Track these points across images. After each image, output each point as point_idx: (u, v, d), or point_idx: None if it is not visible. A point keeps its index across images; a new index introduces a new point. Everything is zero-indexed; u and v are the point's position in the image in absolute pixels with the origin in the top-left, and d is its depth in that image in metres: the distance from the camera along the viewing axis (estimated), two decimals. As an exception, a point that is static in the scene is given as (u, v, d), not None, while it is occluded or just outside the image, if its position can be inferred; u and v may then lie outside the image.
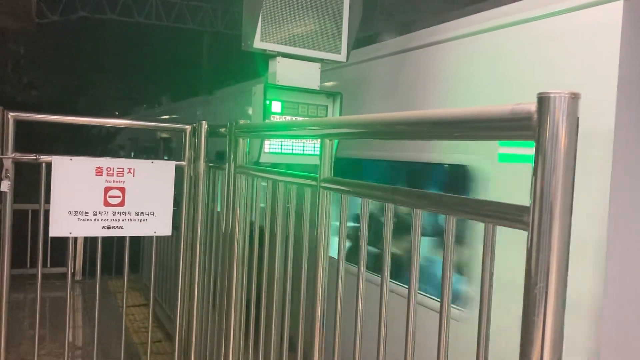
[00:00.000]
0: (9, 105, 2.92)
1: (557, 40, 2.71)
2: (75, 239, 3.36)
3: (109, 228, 2.99)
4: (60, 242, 3.21)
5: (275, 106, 3.27)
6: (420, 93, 3.75)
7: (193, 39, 17.63)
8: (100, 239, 3.06)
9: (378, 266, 1.63)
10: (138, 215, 3.05)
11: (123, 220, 3.02)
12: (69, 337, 3.11)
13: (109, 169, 2.97)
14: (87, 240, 5.83)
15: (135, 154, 14.29)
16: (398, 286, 1.84)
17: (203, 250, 3.24)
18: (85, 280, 7.27)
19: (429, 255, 3.74)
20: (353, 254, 1.79)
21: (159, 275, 5.50)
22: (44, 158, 2.85)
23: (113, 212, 2.99)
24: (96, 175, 2.94)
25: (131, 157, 13.80)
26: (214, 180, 3.17)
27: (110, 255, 5.16)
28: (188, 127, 3.29)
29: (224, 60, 15.90)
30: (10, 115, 2.79)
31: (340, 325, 1.84)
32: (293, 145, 3.32)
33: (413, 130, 1.58)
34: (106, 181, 2.96)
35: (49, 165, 2.84)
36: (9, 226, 2.81)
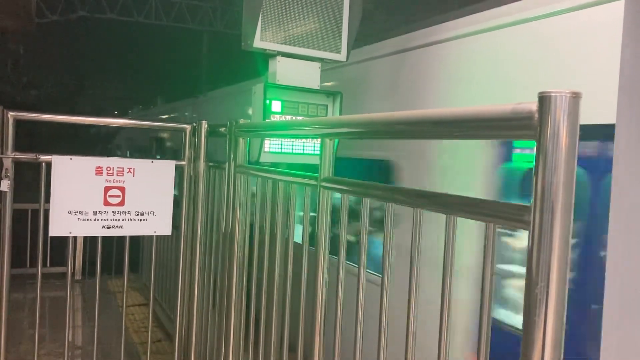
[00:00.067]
0: (9, 104, 2.91)
1: (559, 39, 2.71)
2: (75, 239, 3.36)
3: (108, 228, 2.99)
4: (60, 242, 3.21)
5: (275, 106, 3.27)
6: (420, 93, 3.75)
7: (193, 39, 17.62)
8: (100, 239, 3.06)
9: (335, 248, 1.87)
10: (138, 214, 3.05)
11: (123, 219, 3.02)
12: (69, 337, 3.11)
13: (109, 169, 2.96)
14: (87, 240, 5.84)
15: (130, 152, 14.41)
16: (350, 266, 1.92)
17: (203, 250, 3.24)
18: (85, 280, 7.27)
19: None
20: (312, 238, 2.04)
21: (158, 275, 5.49)
22: (44, 157, 2.84)
23: (113, 212, 2.99)
24: (96, 174, 2.94)
25: (126, 156, 13.97)
26: (214, 179, 3.16)
27: (110, 255, 5.16)
28: (188, 127, 3.28)
29: (224, 60, 15.88)
30: (10, 114, 2.78)
31: (341, 326, 1.83)
32: (293, 145, 3.32)
33: (413, 130, 1.57)
34: (106, 181, 2.96)
35: (48, 164, 2.84)
36: (9, 226, 2.81)
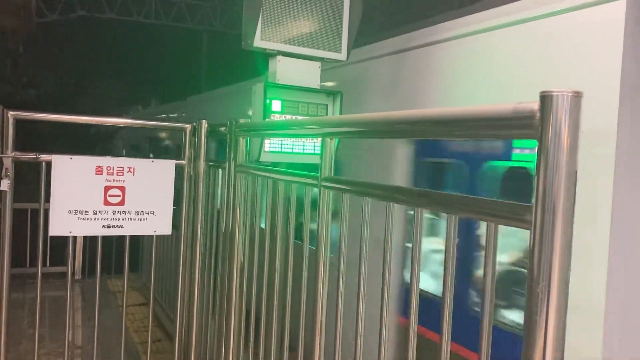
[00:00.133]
0: (9, 104, 2.91)
1: (560, 39, 2.70)
2: (75, 238, 3.35)
3: (108, 227, 2.98)
4: (60, 241, 3.21)
5: (276, 105, 3.26)
6: (420, 92, 3.74)
7: (193, 39, 17.62)
8: (100, 238, 3.05)
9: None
10: (138, 214, 3.05)
11: (123, 219, 3.01)
12: (69, 337, 3.10)
13: (109, 168, 2.96)
14: (87, 240, 5.84)
15: (127, 151, 14.50)
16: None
17: (203, 249, 3.23)
18: (85, 280, 7.26)
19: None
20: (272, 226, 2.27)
21: (158, 275, 5.49)
22: (44, 157, 2.84)
23: (113, 211, 2.98)
24: (96, 174, 2.93)
25: (122, 154, 14.11)
26: (214, 179, 3.16)
27: (110, 255, 5.15)
28: (188, 126, 3.28)
29: (223, 60, 15.88)
30: (10, 114, 2.77)
31: (341, 326, 1.83)
32: (293, 144, 3.31)
33: (414, 129, 1.57)
34: (106, 180, 2.95)
35: (48, 164, 2.84)
36: (9, 225, 2.80)
